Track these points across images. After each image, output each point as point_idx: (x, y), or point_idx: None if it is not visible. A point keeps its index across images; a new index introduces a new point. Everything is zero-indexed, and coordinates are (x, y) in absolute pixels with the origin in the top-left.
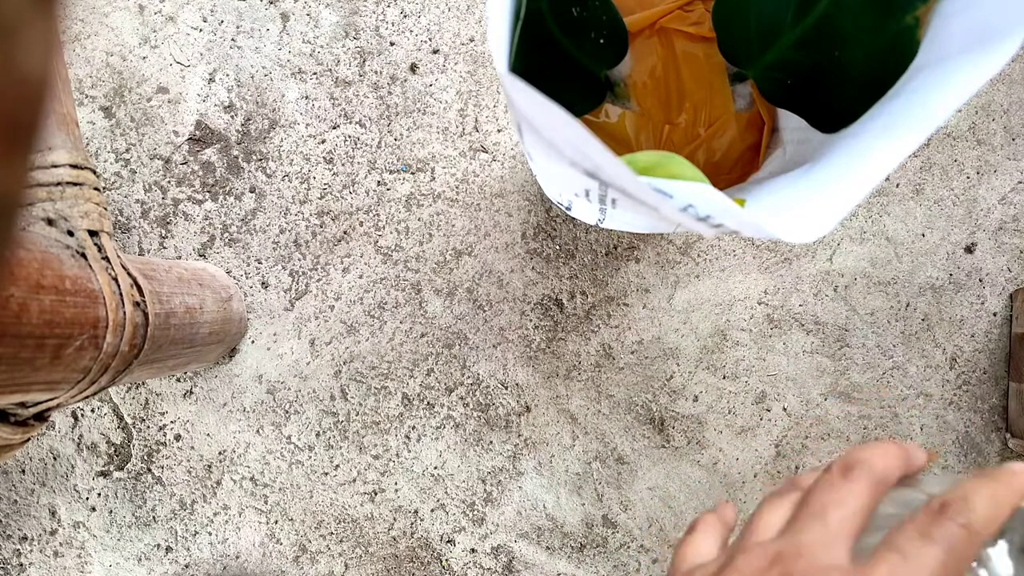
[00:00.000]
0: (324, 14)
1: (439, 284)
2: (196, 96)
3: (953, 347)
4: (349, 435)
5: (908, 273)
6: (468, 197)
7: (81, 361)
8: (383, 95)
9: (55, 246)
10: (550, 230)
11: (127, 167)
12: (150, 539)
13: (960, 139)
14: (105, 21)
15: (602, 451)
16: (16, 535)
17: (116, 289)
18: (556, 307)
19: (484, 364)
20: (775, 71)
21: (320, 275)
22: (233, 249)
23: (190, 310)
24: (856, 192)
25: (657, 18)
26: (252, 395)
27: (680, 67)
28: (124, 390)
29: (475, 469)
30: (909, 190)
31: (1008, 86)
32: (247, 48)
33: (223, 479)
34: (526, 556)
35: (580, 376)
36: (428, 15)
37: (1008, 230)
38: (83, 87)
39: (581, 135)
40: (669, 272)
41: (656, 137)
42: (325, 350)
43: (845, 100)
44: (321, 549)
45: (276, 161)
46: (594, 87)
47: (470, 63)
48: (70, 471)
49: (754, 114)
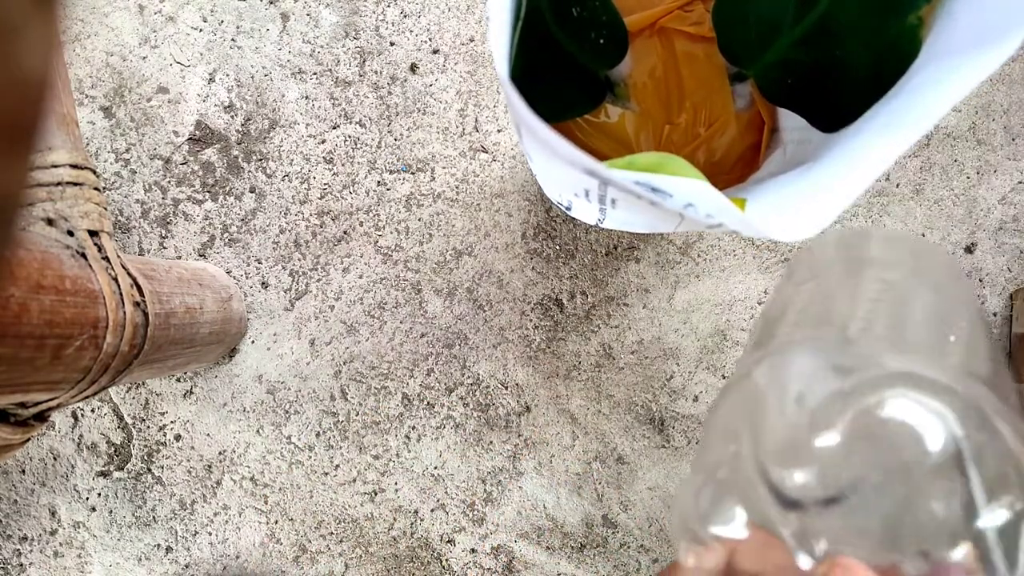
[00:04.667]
0: (324, 14)
1: (439, 284)
2: (196, 96)
3: None
4: (349, 435)
5: None
6: (468, 197)
7: (81, 361)
8: (383, 95)
9: (55, 246)
10: (550, 230)
11: (127, 167)
12: (150, 539)
13: (960, 139)
14: (105, 21)
15: (602, 451)
16: (16, 535)
17: (116, 289)
18: (556, 307)
19: (484, 364)
20: (775, 71)
21: (320, 275)
22: (233, 249)
23: (190, 310)
24: (853, 190)
25: (657, 18)
26: (252, 395)
27: (680, 67)
28: (124, 390)
29: (475, 469)
30: (909, 190)
31: (1008, 86)
32: (247, 48)
33: (223, 479)
34: (526, 556)
35: (580, 376)
36: (428, 15)
37: (1008, 230)
38: (83, 87)
39: (574, 155)
40: (669, 272)
41: (656, 137)
42: (325, 350)
43: (845, 99)
44: (321, 549)
45: (276, 161)
46: (594, 87)
47: (470, 63)
48: (70, 471)
49: (754, 114)
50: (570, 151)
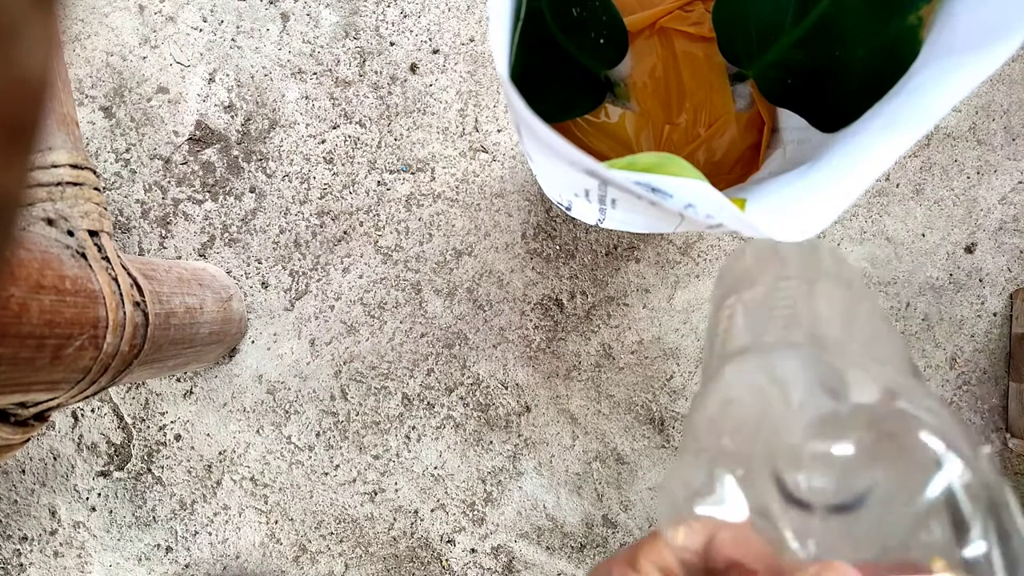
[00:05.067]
0: (324, 14)
1: (439, 284)
2: (196, 96)
3: (953, 347)
4: (349, 435)
5: (908, 273)
6: (468, 197)
7: (81, 361)
8: (383, 95)
9: (55, 246)
10: (550, 230)
11: (127, 167)
12: (150, 539)
13: (960, 139)
14: (105, 21)
15: (602, 451)
16: (16, 535)
17: (116, 289)
18: (556, 307)
19: (484, 364)
20: (775, 71)
21: (320, 275)
22: (233, 249)
23: (190, 310)
24: (853, 190)
25: (657, 18)
26: (252, 395)
27: (680, 67)
28: (124, 390)
29: (475, 469)
30: (909, 190)
31: (1008, 86)
32: (247, 48)
33: (223, 479)
34: (526, 556)
35: (580, 376)
36: (428, 15)
37: (1008, 230)
38: (83, 87)
39: (575, 155)
40: (669, 272)
41: (656, 137)
42: (325, 350)
43: (845, 99)
44: (321, 549)
45: (276, 161)
46: (594, 87)
47: (470, 63)
48: (70, 471)
49: (754, 114)
50: (570, 151)
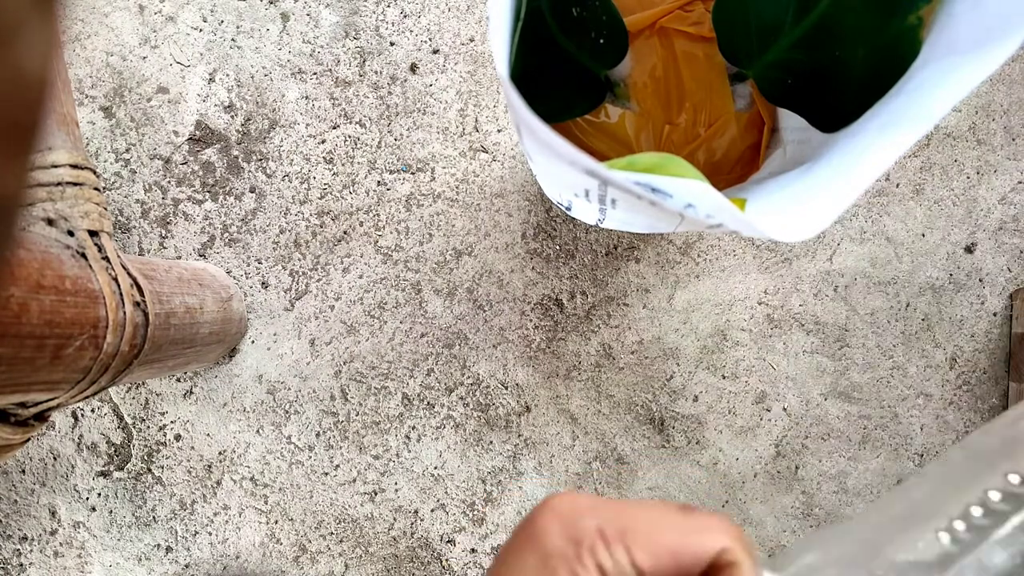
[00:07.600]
0: (324, 14)
1: (439, 284)
2: (196, 96)
3: (953, 347)
4: (349, 435)
5: (908, 273)
6: (468, 197)
7: (81, 361)
8: (383, 95)
9: (55, 246)
10: (550, 230)
11: (127, 167)
12: (150, 539)
13: (960, 139)
14: (105, 21)
15: (602, 451)
16: (16, 535)
17: (116, 289)
18: (556, 307)
19: (484, 364)
20: (775, 71)
21: (320, 275)
22: (233, 249)
23: (190, 310)
24: (853, 190)
25: (657, 18)
26: (252, 395)
27: (680, 67)
28: (124, 390)
29: (475, 469)
30: (909, 190)
31: (1008, 86)
32: (247, 48)
33: (223, 479)
34: None
35: (580, 376)
36: (428, 15)
37: (1008, 230)
38: (83, 87)
39: (575, 155)
40: (669, 272)
41: (656, 137)
42: (325, 350)
43: (845, 99)
44: (321, 549)
45: (276, 161)
46: (594, 87)
47: (470, 63)
48: (70, 471)
49: (754, 114)
50: (570, 151)
